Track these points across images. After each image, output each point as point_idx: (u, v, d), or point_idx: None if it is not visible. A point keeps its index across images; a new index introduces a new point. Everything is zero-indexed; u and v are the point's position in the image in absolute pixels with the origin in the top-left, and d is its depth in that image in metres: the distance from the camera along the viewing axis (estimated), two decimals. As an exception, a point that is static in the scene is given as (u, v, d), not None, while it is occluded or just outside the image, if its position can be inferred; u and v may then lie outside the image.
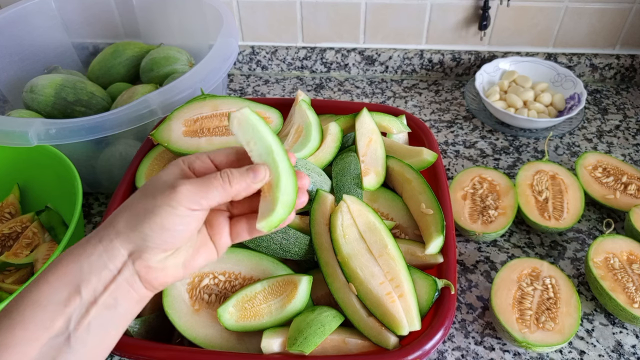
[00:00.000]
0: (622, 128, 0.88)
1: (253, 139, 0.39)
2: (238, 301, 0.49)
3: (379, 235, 0.50)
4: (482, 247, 0.69)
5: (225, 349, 0.49)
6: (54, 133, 0.61)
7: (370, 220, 0.51)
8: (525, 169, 0.74)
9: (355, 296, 0.48)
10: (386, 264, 0.48)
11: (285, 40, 1.02)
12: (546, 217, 0.68)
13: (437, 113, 0.93)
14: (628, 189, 0.72)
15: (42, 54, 0.88)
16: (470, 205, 0.70)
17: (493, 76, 0.94)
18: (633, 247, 0.62)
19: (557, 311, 0.57)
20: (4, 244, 0.68)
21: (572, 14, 0.93)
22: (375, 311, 0.46)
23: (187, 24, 0.90)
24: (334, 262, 0.50)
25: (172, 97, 0.64)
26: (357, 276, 0.48)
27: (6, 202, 0.72)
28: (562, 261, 0.67)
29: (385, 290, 0.47)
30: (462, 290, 0.65)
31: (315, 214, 0.53)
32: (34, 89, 0.77)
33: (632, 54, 0.97)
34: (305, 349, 0.44)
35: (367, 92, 0.99)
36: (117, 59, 0.87)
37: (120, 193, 0.60)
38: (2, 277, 0.64)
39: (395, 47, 1.00)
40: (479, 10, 0.93)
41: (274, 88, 1.01)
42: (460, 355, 0.58)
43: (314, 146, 0.59)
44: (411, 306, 0.46)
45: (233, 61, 0.72)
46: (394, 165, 0.60)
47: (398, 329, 0.45)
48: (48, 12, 0.88)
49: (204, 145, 0.59)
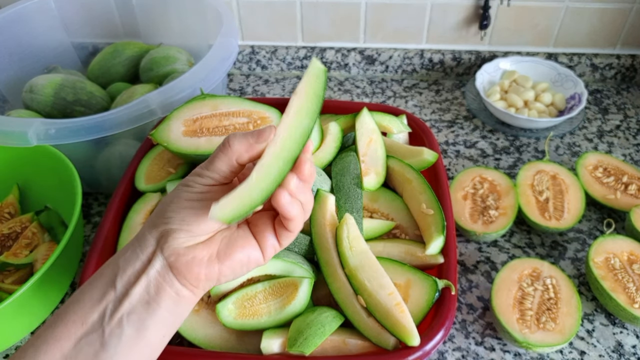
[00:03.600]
0: (623, 128, 0.88)
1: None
2: (238, 299, 0.49)
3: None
4: (483, 248, 0.69)
5: (225, 349, 0.49)
6: (53, 133, 0.61)
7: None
8: (526, 169, 0.74)
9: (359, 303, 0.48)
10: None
11: (285, 39, 1.02)
12: (547, 217, 0.68)
13: (438, 113, 0.93)
14: (628, 189, 0.72)
15: (41, 53, 0.88)
16: (470, 206, 0.69)
17: (493, 76, 0.94)
18: (633, 247, 0.62)
19: (557, 311, 0.57)
20: (3, 244, 0.68)
21: (573, 13, 0.93)
22: (385, 323, 0.46)
23: (187, 23, 0.90)
24: (334, 262, 0.50)
25: (171, 97, 0.64)
26: (365, 288, 0.47)
27: (5, 202, 0.72)
28: (563, 261, 0.67)
29: (394, 301, 0.46)
30: (463, 290, 0.64)
31: (315, 214, 0.53)
32: (34, 89, 0.77)
33: (632, 54, 0.97)
34: (305, 349, 0.44)
35: (367, 91, 0.99)
36: (117, 59, 0.87)
37: (120, 193, 0.60)
38: (2, 277, 0.64)
39: (395, 47, 1.00)
40: (479, 9, 0.93)
41: (273, 88, 1.01)
42: (460, 355, 0.58)
43: (314, 146, 0.59)
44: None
45: (233, 61, 0.72)
46: (395, 165, 0.60)
47: (409, 340, 0.44)
48: (48, 12, 0.88)
49: (204, 145, 0.59)
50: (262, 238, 0.37)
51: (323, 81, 0.37)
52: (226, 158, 0.36)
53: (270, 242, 0.38)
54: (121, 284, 0.34)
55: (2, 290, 0.61)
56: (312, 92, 0.37)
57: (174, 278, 0.35)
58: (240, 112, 0.61)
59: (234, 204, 0.33)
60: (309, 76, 0.37)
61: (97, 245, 0.54)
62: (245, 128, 0.61)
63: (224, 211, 0.33)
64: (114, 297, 0.34)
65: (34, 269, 0.64)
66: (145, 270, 0.34)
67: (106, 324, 0.33)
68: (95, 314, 0.34)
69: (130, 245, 0.36)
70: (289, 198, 0.35)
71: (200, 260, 0.35)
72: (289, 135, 0.36)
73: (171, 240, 0.35)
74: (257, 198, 0.34)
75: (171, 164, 0.64)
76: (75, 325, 0.33)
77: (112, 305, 0.34)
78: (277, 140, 0.35)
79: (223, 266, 0.36)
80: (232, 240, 0.37)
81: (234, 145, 0.36)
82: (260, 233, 0.38)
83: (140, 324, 0.34)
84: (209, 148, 0.59)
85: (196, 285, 0.36)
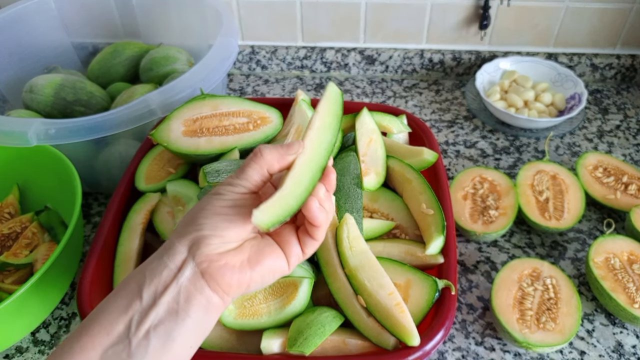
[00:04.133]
0: (623, 128, 0.88)
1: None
2: (238, 299, 0.49)
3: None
4: (483, 248, 0.69)
5: (225, 349, 0.49)
6: (53, 133, 0.61)
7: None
8: (526, 169, 0.74)
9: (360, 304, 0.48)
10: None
11: (285, 39, 1.02)
12: (547, 217, 0.68)
13: (438, 113, 0.93)
14: (628, 189, 0.72)
15: (41, 53, 0.88)
16: (470, 206, 0.69)
17: (493, 76, 0.94)
18: (633, 247, 0.62)
19: (557, 311, 0.57)
20: (3, 244, 0.68)
21: (573, 13, 0.93)
22: (385, 323, 0.46)
23: (187, 23, 0.90)
24: (334, 262, 0.50)
25: (171, 96, 0.64)
26: (365, 288, 0.47)
27: (5, 202, 0.72)
28: (563, 261, 0.67)
29: (394, 301, 0.46)
30: (463, 290, 0.64)
31: (315, 214, 0.53)
32: (34, 89, 0.77)
33: (632, 54, 0.97)
34: (305, 349, 0.44)
35: (367, 91, 0.99)
36: (117, 59, 0.87)
37: (120, 193, 0.60)
38: (2, 277, 0.64)
39: (395, 47, 1.00)
40: (479, 9, 0.93)
41: (273, 88, 1.01)
42: (460, 355, 0.58)
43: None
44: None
45: (233, 61, 0.72)
46: (395, 165, 0.60)
47: (409, 340, 0.44)
48: (48, 12, 0.88)
49: (204, 145, 0.59)
50: (287, 247, 0.39)
51: (340, 103, 0.43)
52: (258, 167, 0.38)
53: (295, 252, 0.39)
54: (148, 294, 0.34)
55: (2, 290, 0.61)
56: (331, 111, 0.42)
57: (206, 285, 0.35)
58: (240, 112, 0.61)
59: (274, 209, 0.36)
60: (328, 99, 0.42)
61: (97, 245, 0.54)
62: (245, 128, 0.61)
63: (267, 215, 0.35)
64: (140, 308, 0.33)
65: (34, 269, 0.64)
66: (175, 278, 0.34)
67: (132, 335, 0.33)
68: (120, 325, 0.33)
69: (157, 255, 0.36)
70: (318, 204, 0.37)
71: (233, 266, 0.35)
72: (315, 149, 0.40)
73: (204, 247, 0.35)
74: (293, 204, 0.37)
75: (171, 164, 0.64)
76: (101, 336, 0.33)
77: (138, 315, 0.33)
78: (306, 153, 0.39)
79: (254, 272, 0.37)
80: (260, 248, 0.38)
81: (267, 155, 0.38)
82: (285, 242, 0.39)
83: (167, 335, 0.33)
84: (209, 148, 0.59)
85: (227, 291, 0.36)
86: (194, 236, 0.35)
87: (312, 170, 0.39)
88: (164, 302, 0.34)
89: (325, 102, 0.42)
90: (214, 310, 0.36)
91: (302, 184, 0.38)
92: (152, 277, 0.34)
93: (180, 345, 0.34)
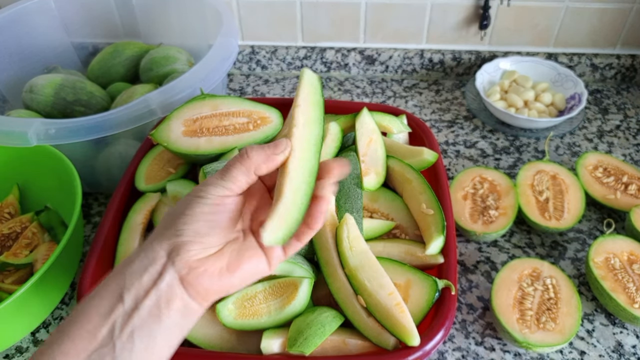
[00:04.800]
0: (623, 128, 0.88)
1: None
2: (238, 299, 0.49)
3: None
4: (483, 248, 0.69)
5: (225, 349, 0.49)
6: (53, 133, 0.61)
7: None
8: (526, 169, 0.74)
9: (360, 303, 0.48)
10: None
11: (285, 39, 1.02)
12: (547, 217, 0.68)
13: (438, 113, 0.93)
14: (628, 189, 0.72)
15: (41, 53, 0.88)
16: (470, 206, 0.69)
17: (493, 76, 0.94)
18: (633, 247, 0.62)
19: (557, 311, 0.57)
20: (3, 244, 0.68)
21: (573, 13, 0.93)
22: (385, 323, 0.46)
23: (187, 23, 0.90)
24: (334, 262, 0.50)
25: (171, 97, 0.64)
26: (365, 288, 0.47)
27: (5, 202, 0.72)
28: (563, 261, 0.67)
29: (394, 301, 0.46)
30: (463, 290, 0.64)
31: (315, 214, 0.53)
32: (34, 89, 0.77)
33: (632, 54, 0.97)
34: (305, 349, 0.44)
35: (367, 91, 0.99)
36: (117, 59, 0.87)
37: (120, 193, 0.60)
38: (2, 277, 0.64)
39: (395, 47, 1.00)
40: (479, 9, 0.93)
41: (273, 88, 1.01)
42: (460, 355, 0.58)
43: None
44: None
45: (233, 61, 0.72)
46: (395, 165, 0.60)
47: (409, 340, 0.44)
48: (48, 12, 0.88)
49: (204, 145, 0.59)
50: (269, 249, 0.38)
51: (319, 89, 0.39)
52: (244, 168, 0.36)
53: (276, 253, 0.38)
54: (129, 297, 0.34)
55: (2, 290, 0.61)
56: (312, 100, 0.38)
57: (184, 291, 0.35)
58: (240, 112, 0.61)
59: (281, 223, 0.35)
60: (305, 86, 0.38)
61: (97, 245, 0.54)
62: (245, 128, 0.61)
63: (276, 234, 0.34)
64: (123, 311, 0.33)
65: (34, 269, 0.64)
66: (155, 284, 0.34)
67: (116, 338, 0.33)
68: (104, 329, 0.33)
69: (136, 256, 0.35)
70: (326, 207, 0.37)
71: (212, 273, 0.35)
72: (305, 147, 0.37)
73: (183, 253, 0.35)
74: (298, 215, 0.36)
75: (171, 164, 0.64)
76: (84, 341, 0.33)
77: (121, 319, 0.33)
78: (296, 154, 0.37)
79: (233, 277, 0.36)
80: (241, 251, 0.37)
81: (253, 156, 0.36)
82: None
83: (150, 337, 0.34)
84: (209, 148, 0.59)
85: (206, 298, 0.36)
86: (173, 241, 0.35)
87: (307, 171, 0.37)
88: (146, 306, 0.34)
89: (304, 92, 0.39)
90: (192, 314, 0.36)
91: (301, 189, 0.36)
92: (132, 281, 0.34)
93: (161, 346, 0.35)
